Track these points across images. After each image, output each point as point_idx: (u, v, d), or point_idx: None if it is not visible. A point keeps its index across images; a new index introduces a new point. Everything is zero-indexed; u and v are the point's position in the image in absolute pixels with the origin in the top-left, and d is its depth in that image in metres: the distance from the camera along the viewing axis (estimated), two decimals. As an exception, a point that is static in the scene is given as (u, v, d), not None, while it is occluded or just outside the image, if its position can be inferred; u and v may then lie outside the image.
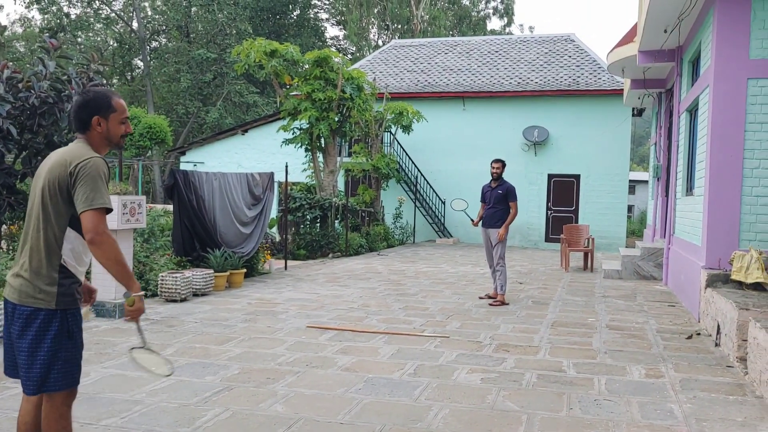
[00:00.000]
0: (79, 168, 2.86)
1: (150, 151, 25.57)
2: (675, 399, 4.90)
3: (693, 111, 10.05)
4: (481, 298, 9.71)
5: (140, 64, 41.62)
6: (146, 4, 40.87)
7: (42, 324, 2.88)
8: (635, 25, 12.57)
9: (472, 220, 9.78)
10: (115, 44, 40.58)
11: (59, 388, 2.93)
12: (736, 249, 7.65)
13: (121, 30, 40.93)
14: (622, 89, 18.96)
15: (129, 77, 43.09)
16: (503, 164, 9.60)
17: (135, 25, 39.64)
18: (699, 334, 7.32)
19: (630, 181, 22.77)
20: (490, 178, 9.59)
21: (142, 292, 3.02)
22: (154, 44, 41.84)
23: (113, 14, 40.11)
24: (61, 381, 2.92)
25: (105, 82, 7.96)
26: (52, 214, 2.91)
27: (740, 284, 7.31)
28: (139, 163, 24.41)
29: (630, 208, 35.55)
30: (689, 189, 10.05)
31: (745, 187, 7.70)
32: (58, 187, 2.89)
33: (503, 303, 9.14)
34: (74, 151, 2.94)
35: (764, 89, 7.62)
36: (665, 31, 10.16)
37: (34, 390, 2.91)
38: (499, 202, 9.39)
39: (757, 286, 7.17)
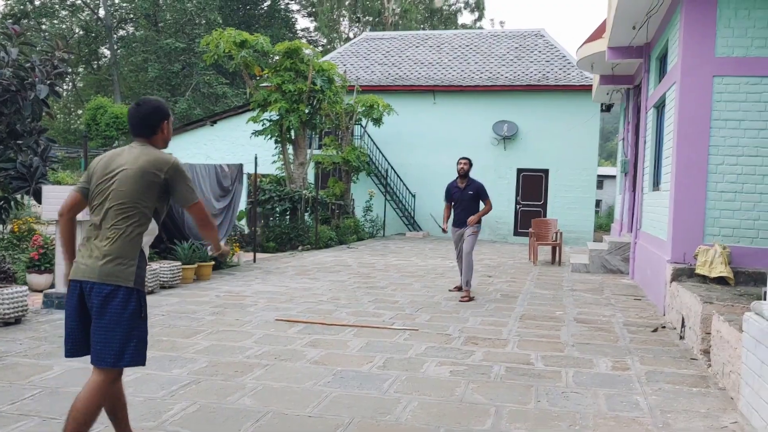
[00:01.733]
0: (173, 170, 3.38)
1: (116, 142, 25.18)
2: (641, 391, 4.96)
3: (660, 107, 10.19)
4: (450, 290, 9.72)
5: (107, 52, 40.95)
6: (113, -9, 40.20)
7: (121, 301, 3.23)
8: (604, 21, 12.69)
9: (441, 227, 9.64)
10: (81, 32, 39.86)
11: (133, 364, 3.28)
12: (701, 244, 7.77)
13: (87, 18, 40.21)
14: (591, 85, 19.15)
15: (95, 66, 42.37)
16: (470, 162, 9.33)
17: (102, 12, 38.95)
18: (664, 327, 7.43)
19: (598, 176, 23.09)
20: (457, 175, 9.36)
21: (223, 245, 3.80)
22: (122, 33, 41.19)
23: (79, 1, 39.36)
24: (136, 357, 3.29)
25: (70, 70, 7.79)
26: (140, 208, 3.32)
27: (704, 278, 7.43)
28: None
29: (598, 203, 35.94)
30: (656, 184, 10.19)
31: (710, 183, 7.82)
32: (148, 188, 3.32)
33: (471, 299, 9.04)
34: (156, 156, 3.38)
35: (729, 87, 7.75)
36: (634, 28, 10.27)
37: (111, 362, 3.22)
38: (470, 203, 9.20)
39: (721, 281, 7.30)
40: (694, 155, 7.87)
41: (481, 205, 9.31)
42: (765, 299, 4.20)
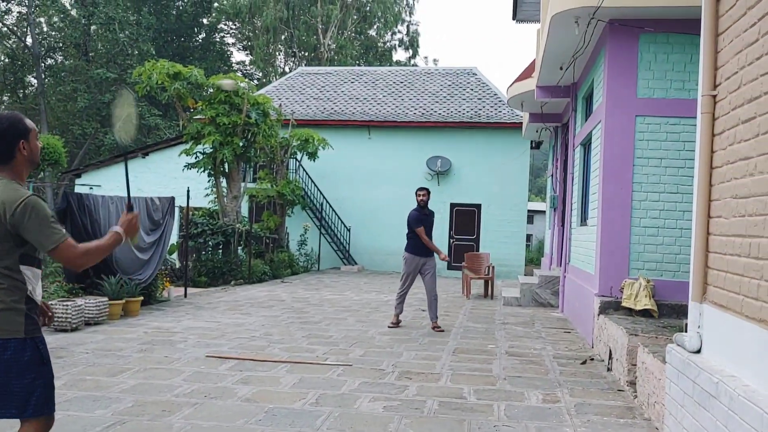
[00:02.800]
0: (20, 211, 2.87)
1: (42, 173, 24.37)
2: (570, 423, 5.04)
3: (586, 145, 10.54)
4: (390, 326, 9.60)
5: (34, 81, 39.77)
6: (42, 19, 39.21)
7: (14, 353, 2.91)
8: (533, 61, 13.12)
9: (444, 259, 9.72)
10: (7, 60, 38.64)
11: (39, 414, 2.99)
12: (626, 277, 8.02)
13: (14, 45, 39.06)
14: (521, 123, 19.68)
15: (21, 95, 41.06)
16: (428, 191, 9.75)
17: (29, 40, 37.93)
18: (593, 359, 7.59)
19: (528, 211, 23.62)
20: (417, 205, 9.60)
21: (121, 230, 3.16)
22: (50, 62, 40.14)
23: (5, 29, 38.25)
24: (42, 406, 2.99)
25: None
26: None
27: (630, 311, 7.66)
28: (29, 186, 23.20)
29: (529, 237, 36.71)
30: (583, 219, 10.49)
31: (634, 218, 8.11)
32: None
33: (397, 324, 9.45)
34: (3, 193, 2.91)
35: (650, 126, 8.10)
36: (561, 69, 10.64)
37: (15, 414, 2.95)
38: (430, 230, 9.56)
39: (646, 313, 7.53)
40: (618, 192, 8.16)
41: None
42: (686, 331, 4.35)
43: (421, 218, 9.54)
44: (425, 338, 8.74)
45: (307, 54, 42.70)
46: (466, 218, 21.84)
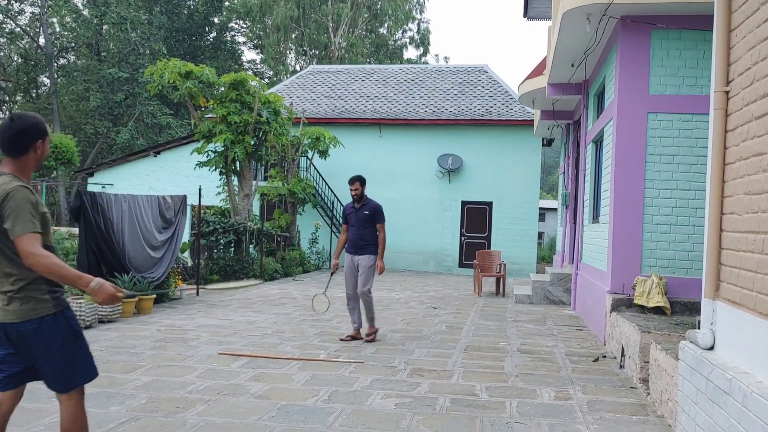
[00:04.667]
0: (5, 199, 3.09)
1: (55, 172, 24.56)
2: (583, 420, 5.04)
3: (598, 142, 10.51)
4: (342, 339, 8.25)
5: (47, 81, 40.03)
6: (54, 20, 39.46)
7: (50, 330, 3.19)
8: (545, 58, 13.08)
9: (330, 269, 8.46)
10: (20, 60, 38.93)
11: (85, 381, 3.34)
12: (639, 274, 8.00)
13: (27, 45, 39.34)
14: (533, 120, 19.64)
15: (34, 94, 41.35)
16: (362, 182, 8.41)
17: (42, 40, 38.18)
18: (605, 356, 7.58)
19: (540, 208, 23.53)
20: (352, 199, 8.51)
21: (95, 282, 3.16)
22: (62, 61, 40.40)
23: (18, 29, 38.53)
24: (86, 374, 3.34)
25: (7, 98, 7.61)
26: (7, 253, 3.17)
27: (642, 308, 7.63)
28: (42, 185, 23.38)
29: (540, 235, 36.63)
30: (595, 217, 10.46)
31: (647, 216, 8.08)
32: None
33: (374, 338, 8.26)
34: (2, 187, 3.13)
35: (663, 123, 8.06)
36: (572, 66, 10.61)
37: (63, 387, 3.28)
38: (365, 224, 8.27)
39: (658, 310, 7.51)
40: (630, 189, 8.13)
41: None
42: (699, 328, 4.34)
43: (346, 213, 8.51)
44: (437, 336, 8.75)
45: (317, 52, 42.74)
46: (477, 216, 21.81)
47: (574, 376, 6.53)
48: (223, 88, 16.87)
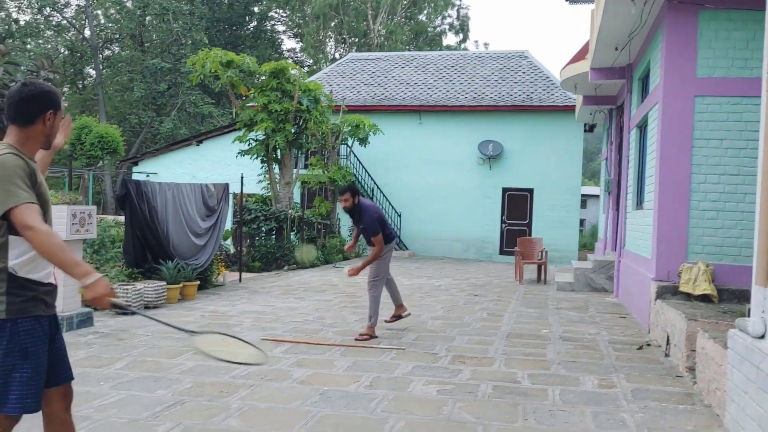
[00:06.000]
0: None
1: (101, 161, 25.04)
2: (627, 409, 4.97)
3: (642, 127, 10.30)
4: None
5: (92, 72, 40.84)
6: (99, 12, 40.17)
7: None
8: (587, 42, 12.86)
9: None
10: (66, 52, 39.75)
11: (13, 411, 2.78)
12: (684, 261, 7.83)
13: (73, 38, 40.14)
14: (574, 105, 19.34)
15: (80, 86, 42.22)
16: (352, 192, 7.59)
17: (87, 33, 38.92)
18: (649, 344, 7.46)
19: (582, 195, 23.22)
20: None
21: (92, 277, 2.70)
22: (107, 53, 41.14)
23: (64, 21, 39.32)
24: (18, 403, 2.76)
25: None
26: None
27: (688, 296, 7.48)
28: (89, 173, 23.89)
29: (581, 222, 36.18)
30: (639, 203, 10.27)
31: (693, 201, 7.90)
32: None
33: (372, 336, 7.50)
34: None
35: (710, 107, 7.85)
36: (616, 49, 10.40)
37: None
38: (366, 235, 7.74)
39: (705, 298, 7.35)
40: (676, 174, 7.95)
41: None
42: (749, 316, 4.24)
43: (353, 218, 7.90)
44: (478, 323, 8.72)
45: (357, 40, 42.74)
46: (518, 203, 21.62)
47: (617, 364, 6.45)
48: (263, 77, 17.00)
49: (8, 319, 2.73)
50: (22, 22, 38.13)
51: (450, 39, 47.45)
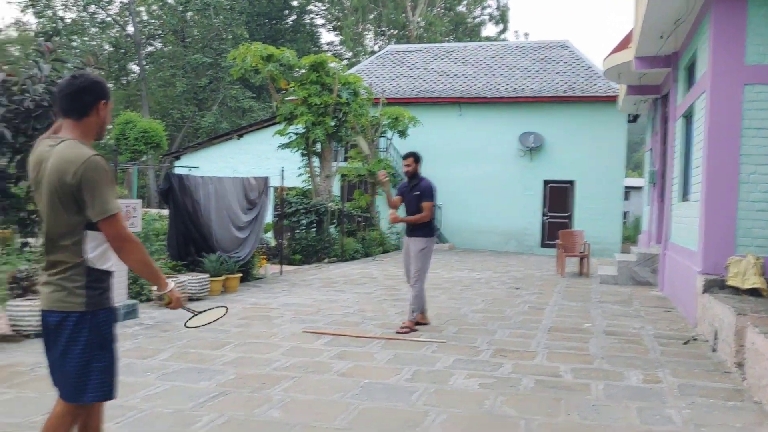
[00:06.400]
0: (84, 172, 2.72)
1: (145, 156, 25.49)
2: (673, 404, 4.87)
3: (689, 117, 10.06)
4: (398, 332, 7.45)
5: (135, 68, 41.54)
6: (142, 8, 40.81)
7: (73, 330, 2.81)
8: (631, 31, 12.60)
9: (390, 214, 7.98)
10: (111, 48, 40.49)
11: (94, 399, 2.89)
12: (733, 254, 7.63)
13: (117, 34, 40.86)
14: (617, 95, 18.98)
15: (124, 82, 42.99)
16: (415, 158, 7.97)
17: (130, 29, 39.57)
18: (696, 339, 7.30)
19: (625, 187, 22.82)
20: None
21: (171, 285, 3.08)
22: (150, 49, 41.78)
23: (109, 18, 40.04)
24: (97, 391, 2.87)
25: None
26: (64, 219, 2.80)
27: (736, 290, 7.29)
28: (134, 168, 24.34)
29: (625, 214, 35.59)
30: (685, 195, 10.05)
31: (742, 193, 7.69)
32: (63, 194, 2.76)
33: (411, 329, 7.40)
34: (67, 155, 2.76)
35: (761, 95, 7.63)
36: (661, 37, 10.17)
37: (69, 397, 2.87)
38: (416, 205, 7.83)
39: (754, 292, 7.16)
40: (724, 165, 7.75)
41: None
42: (801, 311, 4.11)
43: (401, 190, 8.10)
44: (519, 316, 8.64)
45: (396, 32, 42.62)
46: (560, 195, 21.37)
47: (663, 359, 6.32)
48: (303, 71, 17.07)
49: (89, 312, 2.83)
50: (68, 20, 38.94)
51: (489, 29, 47.10)
